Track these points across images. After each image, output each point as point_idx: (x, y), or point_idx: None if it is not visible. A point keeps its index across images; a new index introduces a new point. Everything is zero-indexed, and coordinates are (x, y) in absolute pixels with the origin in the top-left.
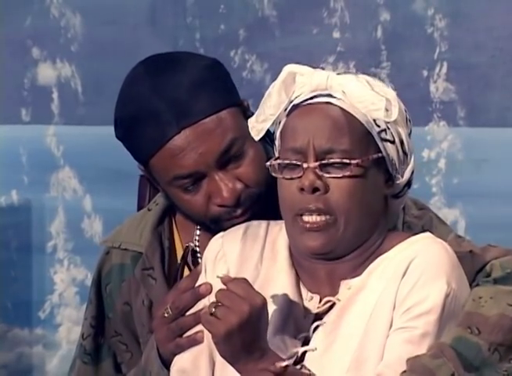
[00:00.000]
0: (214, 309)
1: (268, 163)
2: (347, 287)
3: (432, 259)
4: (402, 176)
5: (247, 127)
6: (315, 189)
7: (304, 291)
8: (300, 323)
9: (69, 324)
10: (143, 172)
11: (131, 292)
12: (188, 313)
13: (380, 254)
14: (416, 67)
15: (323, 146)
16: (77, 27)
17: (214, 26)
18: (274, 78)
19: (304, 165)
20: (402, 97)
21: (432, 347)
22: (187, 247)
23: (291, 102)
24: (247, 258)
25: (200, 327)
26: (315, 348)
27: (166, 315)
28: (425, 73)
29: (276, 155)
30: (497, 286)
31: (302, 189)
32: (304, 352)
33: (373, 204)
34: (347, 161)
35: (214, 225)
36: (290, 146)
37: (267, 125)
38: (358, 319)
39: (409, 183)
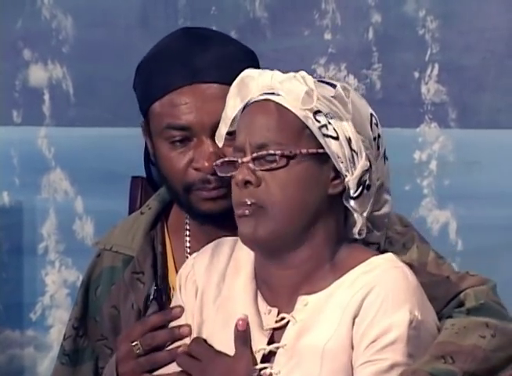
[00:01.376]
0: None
1: (214, 163)
2: (303, 303)
3: (391, 288)
4: (352, 174)
5: None
6: (246, 183)
7: (263, 304)
8: (257, 338)
9: (60, 326)
10: (141, 125)
11: (119, 296)
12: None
13: (337, 268)
14: (407, 69)
15: (257, 141)
16: (68, 28)
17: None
18: None
19: (239, 160)
20: (393, 98)
21: (406, 373)
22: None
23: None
24: (211, 277)
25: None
26: (278, 372)
27: (136, 351)
28: (416, 74)
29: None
30: (470, 317)
31: (237, 184)
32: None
33: (311, 201)
34: (279, 152)
35: (184, 194)
36: (234, 145)
37: (225, 129)
38: (317, 345)
39: (365, 184)
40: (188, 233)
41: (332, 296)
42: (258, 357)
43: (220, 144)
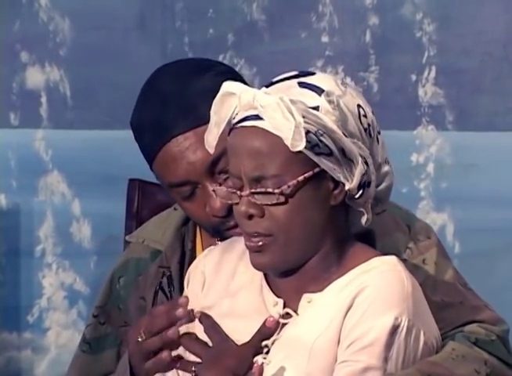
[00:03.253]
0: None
1: (211, 188)
2: (307, 299)
3: (382, 291)
4: (352, 181)
5: None
6: (250, 216)
7: (269, 295)
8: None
9: (57, 328)
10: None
11: (146, 287)
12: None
13: (342, 268)
14: (404, 72)
15: (252, 174)
16: (65, 31)
17: (203, 30)
18: (263, 82)
19: (238, 193)
20: (390, 101)
21: None
22: (163, 273)
23: (232, 119)
24: (221, 271)
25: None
26: (269, 362)
27: (139, 339)
28: (414, 77)
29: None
30: (474, 348)
31: (241, 216)
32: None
33: (316, 218)
34: (277, 190)
35: (219, 234)
36: (229, 170)
37: (214, 142)
38: (307, 340)
39: (365, 184)
40: None
41: (330, 294)
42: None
43: (211, 151)
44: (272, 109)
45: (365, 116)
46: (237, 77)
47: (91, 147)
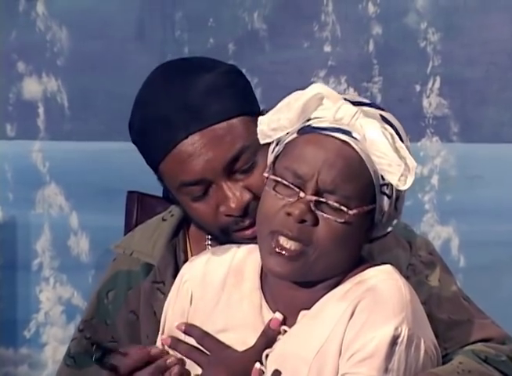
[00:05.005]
0: None
1: (265, 174)
2: (303, 313)
3: (381, 301)
4: (384, 230)
5: None
6: (302, 221)
7: (268, 313)
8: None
9: (55, 344)
10: (158, 180)
11: (139, 302)
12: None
13: (337, 278)
14: (408, 82)
15: (326, 186)
16: (63, 40)
17: (203, 40)
18: (264, 93)
19: (301, 194)
20: (394, 112)
21: None
22: (158, 289)
23: (309, 120)
24: (209, 283)
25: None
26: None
27: None
28: (418, 87)
29: (271, 156)
30: (482, 364)
31: (289, 215)
32: None
33: (351, 248)
34: (345, 209)
35: (224, 236)
36: (293, 169)
37: (276, 135)
38: (307, 351)
39: (384, 235)
40: (210, 242)
41: (325, 307)
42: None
43: (263, 142)
44: (378, 135)
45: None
46: (242, 75)
47: (90, 159)
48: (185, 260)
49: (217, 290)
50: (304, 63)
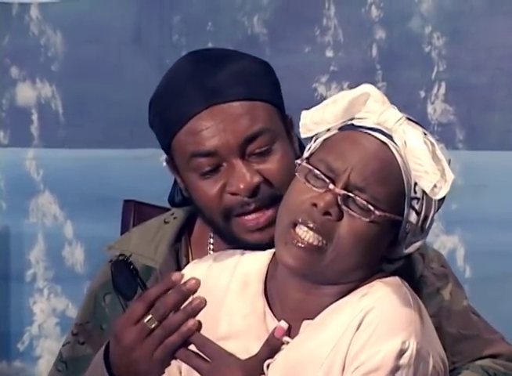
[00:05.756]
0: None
1: (298, 161)
2: (307, 323)
3: (388, 313)
4: (406, 248)
5: (282, 128)
6: (326, 213)
7: (272, 321)
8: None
9: (49, 357)
10: (166, 161)
11: None
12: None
13: (343, 289)
14: (412, 88)
15: (358, 182)
16: (57, 45)
17: (202, 44)
18: None
19: (330, 186)
20: None
21: None
22: (116, 259)
23: (352, 119)
24: (212, 289)
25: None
26: None
27: (151, 325)
28: (422, 93)
29: (307, 153)
30: None
31: (315, 205)
32: None
33: (370, 255)
34: (372, 208)
35: (224, 222)
36: (327, 161)
37: (318, 129)
38: (311, 363)
39: (407, 256)
40: (211, 247)
41: (329, 318)
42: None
43: (304, 135)
44: (419, 143)
45: (443, 200)
46: (274, 73)
47: (85, 167)
48: (187, 264)
49: (219, 296)
50: (305, 69)
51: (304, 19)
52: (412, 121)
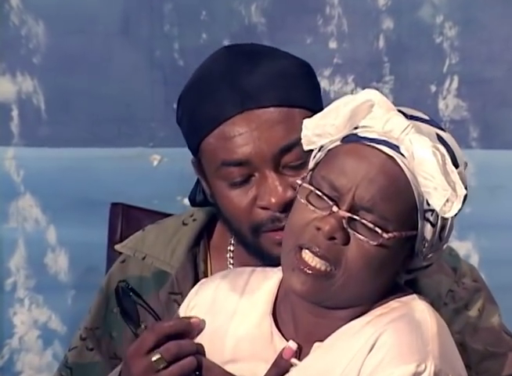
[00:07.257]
0: None
1: (298, 181)
2: (317, 345)
3: (403, 335)
4: (425, 260)
5: None
6: (332, 238)
7: (281, 341)
8: None
9: (30, 372)
10: (193, 163)
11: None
12: None
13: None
14: (422, 82)
15: (364, 202)
16: (40, 36)
17: (195, 35)
18: None
19: (334, 208)
20: None
21: None
22: (117, 286)
23: (356, 128)
24: (218, 311)
25: None
26: None
27: (160, 365)
28: (433, 88)
29: (311, 163)
30: None
31: (319, 229)
32: None
33: (383, 276)
34: (379, 231)
35: (252, 237)
36: (329, 179)
37: (320, 142)
38: None
39: (426, 266)
40: (231, 254)
41: (341, 339)
42: None
43: (306, 148)
44: (428, 156)
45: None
46: (314, 74)
47: (69, 167)
48: (205, 270)
49: (226, 318)
50: (307, 61)
51: (306, 8)
52: (423, 120)
